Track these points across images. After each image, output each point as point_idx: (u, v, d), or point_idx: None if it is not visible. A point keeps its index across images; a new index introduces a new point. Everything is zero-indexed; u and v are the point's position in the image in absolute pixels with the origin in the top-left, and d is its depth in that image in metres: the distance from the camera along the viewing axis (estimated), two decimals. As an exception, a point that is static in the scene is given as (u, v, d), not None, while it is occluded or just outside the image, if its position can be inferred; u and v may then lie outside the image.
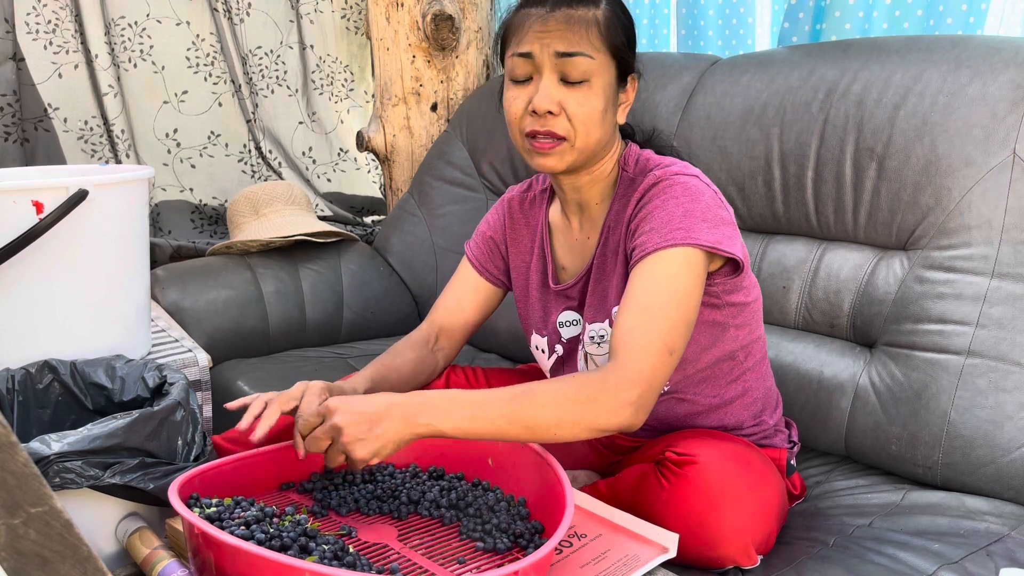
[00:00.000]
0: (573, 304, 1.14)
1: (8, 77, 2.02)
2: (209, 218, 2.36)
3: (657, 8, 1.99)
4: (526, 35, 1.01)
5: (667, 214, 0.98)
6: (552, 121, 1.01)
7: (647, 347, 0.92)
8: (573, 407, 0.88)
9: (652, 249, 0.96)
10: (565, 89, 1.00)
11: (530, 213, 1.21)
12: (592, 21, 1.00)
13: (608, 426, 0.90)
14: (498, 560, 0.88)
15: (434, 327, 1.22)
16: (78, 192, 1.19)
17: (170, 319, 1.71)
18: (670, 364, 0.94)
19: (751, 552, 0.96)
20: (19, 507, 0.47)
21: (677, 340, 0.94)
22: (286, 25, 2.41)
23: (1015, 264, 1.14)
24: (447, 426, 0.87)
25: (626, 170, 1.08)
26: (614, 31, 1.01)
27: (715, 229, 0.97)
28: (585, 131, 1.01)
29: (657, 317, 0.93)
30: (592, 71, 0.99)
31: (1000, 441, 1.11)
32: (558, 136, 1.01)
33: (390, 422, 0.87)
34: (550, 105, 0.99)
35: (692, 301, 0.96)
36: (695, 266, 0.96)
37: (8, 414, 1.09)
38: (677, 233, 0.96)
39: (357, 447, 0.87)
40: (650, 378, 0.91)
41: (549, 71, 1.00)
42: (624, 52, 1.02)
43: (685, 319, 0.95)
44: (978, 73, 1.19)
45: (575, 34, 0.99)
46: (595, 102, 1.00)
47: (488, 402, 0.89)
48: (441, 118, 2.24)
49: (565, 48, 0.99)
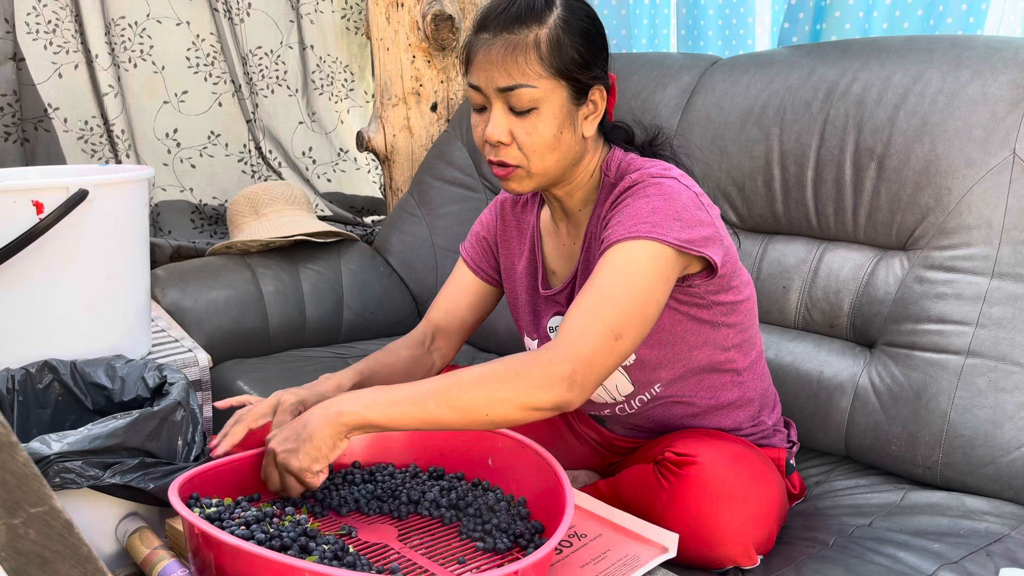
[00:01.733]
0: (562, 309, 1.13)
1: (8, 77, 2.02)
2: (209, 218, 2.36)
3: (657, 8, 1.99)
4: (474, 65, 1.00)
5: (635, 210, 0.96)
6: (504, 151, 1.00)
7: (590, 328, 0.89)
8: (500, 384, 0.87)
9: (616, 239, 0.94)
10: (515, 119, 0.98)
11: (522, 216, 1.21)
12: (533, 46, 0.96)
13: (540, 402, 0.87)
14: (498, 560, 0.88)
15: (430, 327, 1.22)
16: (78, 192, 1.19)
17: (170, 319, 1.71)
18: (616, 349, 0.90)
19: (751, 552, 0.96)
20: (19, 507, 0.47)
21: (627, 328, 0.91)
22: (286, 25, 2.41)
23: (1015, 264, 1.14)
24: (372, 413, 0.87)
25: (608, 175, 1.07)
26: (561, 51, 0.96)
27: (688, 229, 0.95)
28: (538, 157, 0.99)
29: (608, 302, 0.91)
30: (538, 99, 0.97)
31: (1000, 441, 1.11)
32: (511, 165, 1.00)
33: (313, 425, 0.87)
34: (500, 136, 0.98)
35: (651, 295, 0.93)
36: (659, 260, 0.93)
37: (8, 414, 1.09)
38: (644, 227, 0.94)
39: (292, 459, 0.87)
40: (588, 357, 0.88)
41: (496, 103, 0.98)
42: (576, 71, 0.98)
43: (640, 311, 0.92)
44: (978, 73, 1.19)
45: (516, 65, 0.96)
46: (544, 129, 0.98)
47: (413, 389, 0.88)
48: (441, 118, 2.24)
49: (506, 82, 0.96)
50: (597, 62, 1.01)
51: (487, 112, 1.00)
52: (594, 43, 1.00)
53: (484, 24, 0.99)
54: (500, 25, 0.97)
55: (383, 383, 1.12)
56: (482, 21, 0.99)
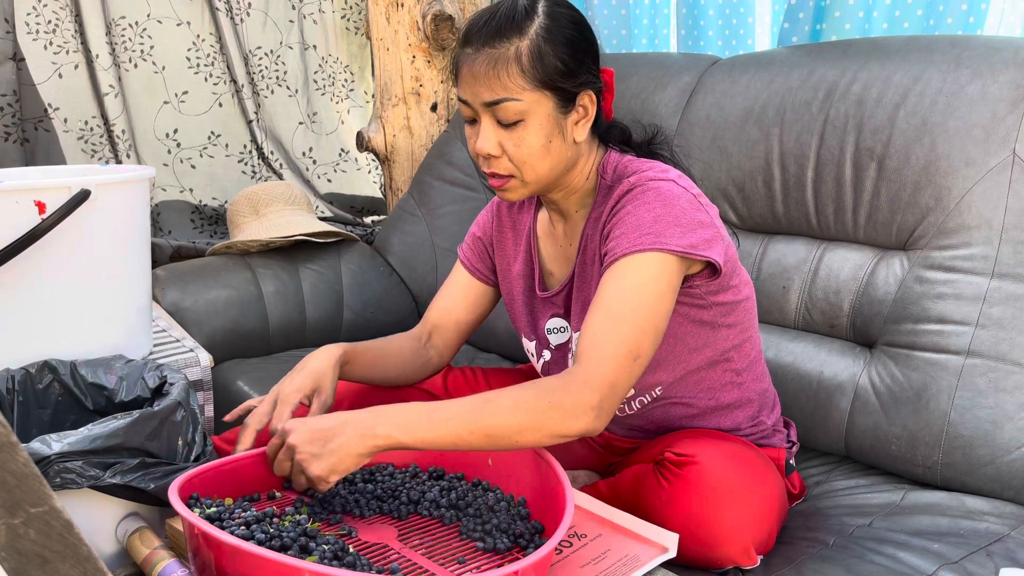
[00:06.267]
0: (560, 311, 1.14)
1: (8, 77, 2.02)
2: (209, 218, 2.36)
3: (657, 8, 1.99)
4: (461, 79, 1.00)
5: (637, 219, 0.96)
6: (495, 163, 1.01)
7: (611, 352, 0.90)
8: (533, 414, 0.88)
9: (621, 254, 0.95)
10: (503, 131, 0.99)
11: (518, 218, 1.21)
12: (514, 59, 0.95)
13: (569, 432, 0.88)
14: (498, 560, 0.88)
15: (427, 326, 1.23)
16: (80, 192, 1.19)
17: (170, 319, 1.71)
18: (635, 370, 0.92)
19: (751, 552, 0.96)
20: (19, 507, 0.47)
21: (644, 346, 0.92)
22: (286, 25, 2.41)
23: (1015, 264, 1.14)
24: (406, 437, 0.87)
25: (604, 177, 1.07)
26: (543, 62, 0.96)
27: (689, 233, 0.96)
28: (529, 167, 1.00)
29: (623, 322, 0.92)
30: (523, 111, 0.97)
31: (1000, 441, 1.11)
32: (504, 175, 1.01)
33: (345, 436, 0.87)
34: (490, 149, 0.99)
35: (661, 307, 0.94)
36: (666, 271, 0.94)
37: (8, 414, 1.09)
38: (647, 238, 0.94)
39: (312, 464, 0.87)
40: (612, 383, 0.90)
41: (484, 117, 0.99)
42: (560, 80, 0.97)
43: (653, 325, 0.93)
44: (978, 73, 1.19)
45: (499, 79, 0.96)
46: (532, 140, 0.98)
47: (447, 412, 0.88)
48: (441, 118, 2.24)
49: (490, 97, 0.97)
50: (583, 68, 1.00)
51: (477, 125, 1.01)
52: (579, 49, 0.99)
53: (467, 38, 0.99)
54: (482, 40, 0.97)
55: (378, 361, 1.15)
56: (466, 35, 1.00)
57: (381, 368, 1.16)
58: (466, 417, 0.87)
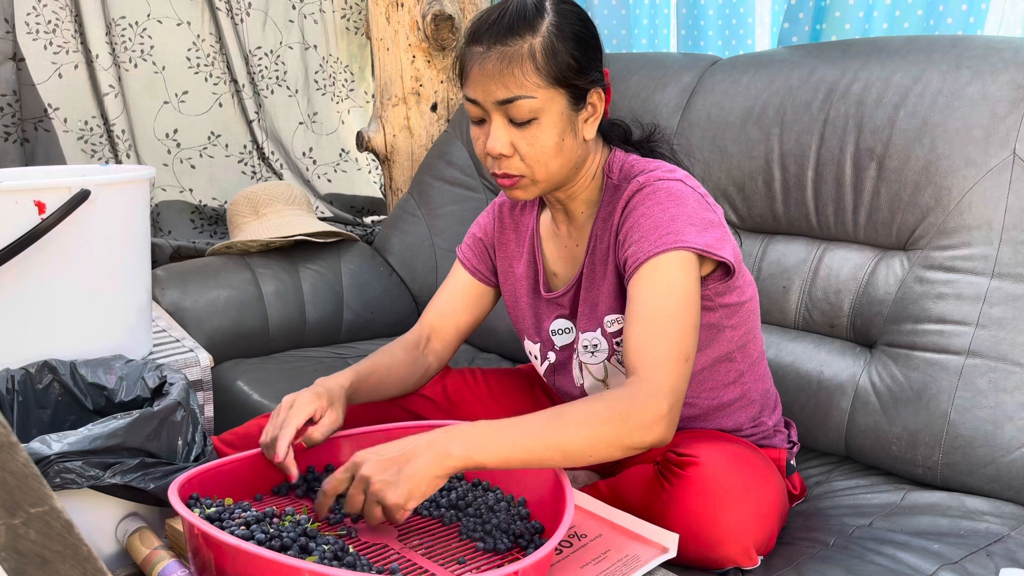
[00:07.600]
0: (565, 312, 1.13)
1: (8, 77, 2.02)
2: (209, 218, 2.36)
3: (657, 8, 2.00)
4: (469, 78, 0.99)
5: (654, 220, 0.97)
6: (506, 163, 1.00)
7: (665, 358, 0.91)
8: (607, 427, 0.87)
9: (645, 257, 0.95)
10: (515, 130, 0.98)
11: (520, 219, 1.21)
12: (528, 56, 0.95)
13: (643, 443, 0.88)
14: (498, 560, 0.88)
15: (425, 329, 1.21)
16: (80, 192, 1.19)
17: (170, 319, 1.71)
18: (688, 372, 0.93)
19: (751, 552, 0.96)
20: (19, 507, 0.47)
21: (690, 346, 0.94)
22: (286, 25, 2.41)
23: (1015, 264, 1.14)
24: (481, 456, 0.85)
25: (610, 177, 1.07)
26: (557, 58, 0.96)
27: (704, 232, 0.96)
28: (541, 166, 1.00)
29: (667, 326, 0.92)
30: (538, 108, 0.96)
31: (1000, 441, 1.11)
32: (515, 175, 1.01)
33: (419, 460, 0.84)
34: (502, 148, 0.98)
35: (694, 304, 0.95)
36: (690, 269, 0.96)
37: (8, 414, 1.09)
38: (668, 238, 0.95)
39: (388, 492, 0.84)
40: (675, 388, 0.91)
41: (496, 116, 0.98)
42: (573, 77, 0.97)
43: (692, 323, 0.95)
44: (978, 73, 1.19)
45: (512, 77, 0.95)
46: (545, 138, 0.98)
47: (519, 429, 0.87)
48: (441, 118, 2.24)
49: (504, 95, 0.96)
50: (593, 65, 1.00)
51: (486, 124, 1.00)
52: (588, 46, 1.00)
53: (476, 36, 0.98)
54: (493, 37, 0.96)
55: (381, 383, 1.13)
56: (474, 33, 0.99)
57: (382, 390, 1.14)
58: (540, 433, 0.87)
